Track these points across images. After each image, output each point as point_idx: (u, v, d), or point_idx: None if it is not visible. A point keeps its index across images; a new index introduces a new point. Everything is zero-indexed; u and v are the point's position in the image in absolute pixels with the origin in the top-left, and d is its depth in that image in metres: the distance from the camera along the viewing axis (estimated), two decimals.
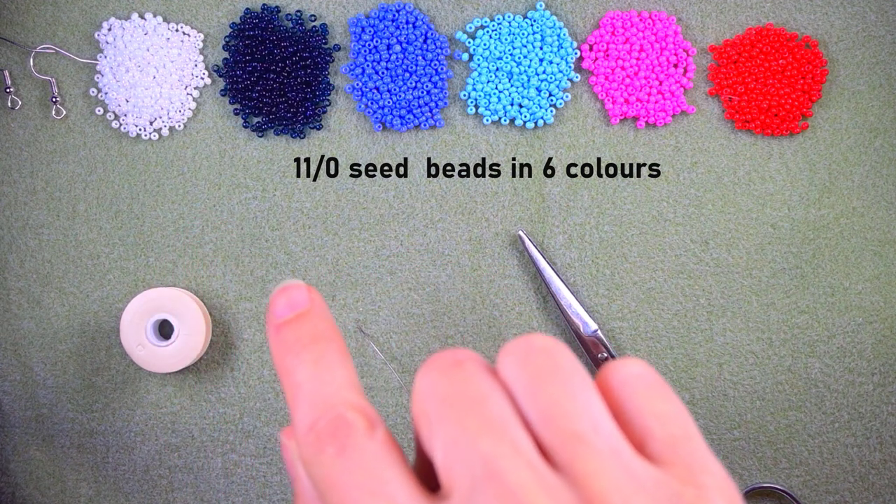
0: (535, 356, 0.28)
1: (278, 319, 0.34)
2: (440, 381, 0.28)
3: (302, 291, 0.34)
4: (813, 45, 0.51)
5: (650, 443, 0.28)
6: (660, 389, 0.29)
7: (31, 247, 0.52)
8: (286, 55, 0.51)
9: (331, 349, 0.32)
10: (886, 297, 0.51)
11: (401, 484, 0.27)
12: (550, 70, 0.51)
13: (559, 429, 0.27)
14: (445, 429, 0.27)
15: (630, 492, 0.25)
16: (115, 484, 0.53)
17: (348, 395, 0.30)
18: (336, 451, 0.28)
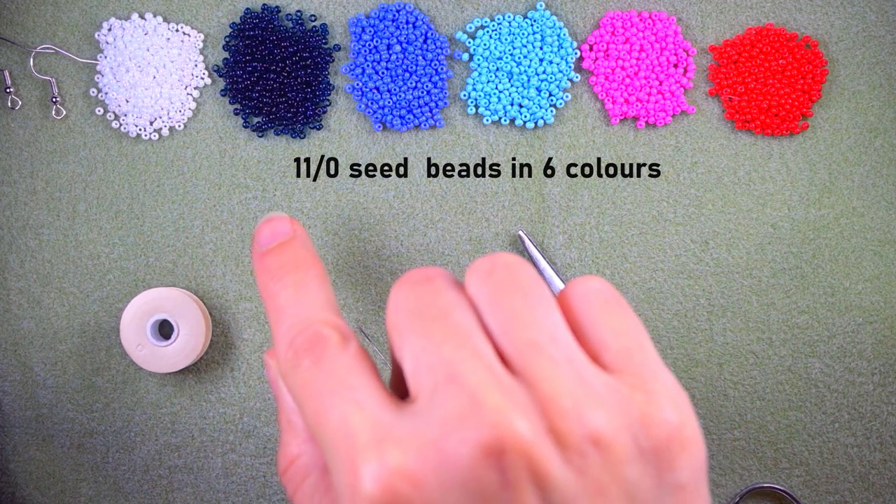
0: (498, 271, 0.29)
1: (262, 248, 0.36)
2: (410, 295, 0.29)
3: (285, 222, 0.37)
4: (813, 45, 0.51)
5: (604, 353, 0.29)
6: (616, 304, 0.30)
7: (31, 247, 0.52)
8: (286, 55, 0.51)
9: (311, 274, 0.34)
10: (886, 297, 0.51)
11: (368, 389, 0.28)
12: (550, 70, 0.51)
13: (517, 337, 0.28)
14: (413, 338, 0.28)
15: (581, 395, 0.26)
16: (115, 484, 0.52)
17: (325, 314, 0.32)
18: (311, 361, 0.30)
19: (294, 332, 0.31)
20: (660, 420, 0.27)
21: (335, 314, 0.32)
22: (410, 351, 0.28)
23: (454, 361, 0.27)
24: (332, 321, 0.31)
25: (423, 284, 0.30)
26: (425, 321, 0.28)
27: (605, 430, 0.26)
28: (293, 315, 0.32)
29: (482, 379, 0.26)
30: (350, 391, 0.28)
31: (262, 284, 0.35)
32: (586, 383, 0.27)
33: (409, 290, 0.30)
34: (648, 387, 0.28)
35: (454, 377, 0.27)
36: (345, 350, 0.30)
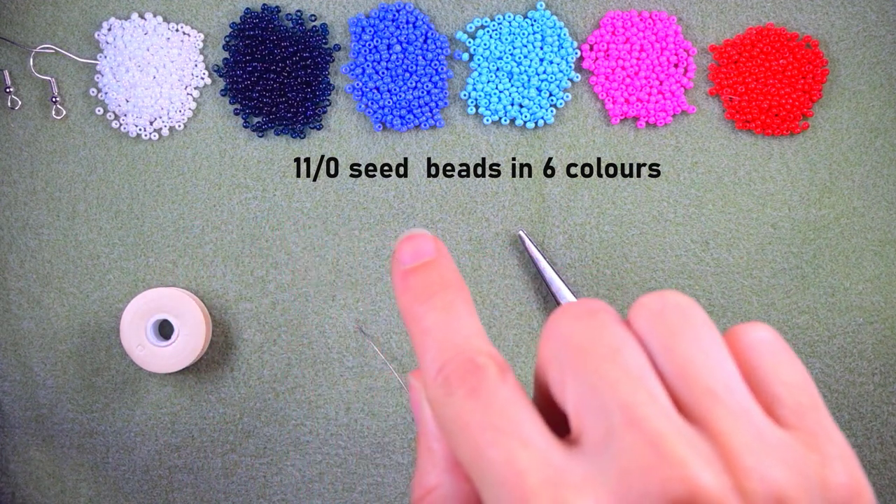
0: (670, 311, 0.29)
1: (404, 266, 0.35)
2: (574, 329, 0.28)
3: (428, 241, 0.36)
4: (813, 45, 0.51)
5: (777, 408, 0.28)
6: (788, 356, 0.30)
7: (31, 247, 0.52)
8: (286, 55, 0.51)
9: (459, 298, 0.33)
10: (887, 297, 0.51)
11: (534, 426, 0.27)
12: (551, 70, 0.51)
13: (695, 384, 0.27)
14: (580, 375, 0.27)
15: (762, 451, 0.26)
16: (115, 484, 0.53)
17: (478, 341, 0.31)
18: (466, 392, 0.29)
19: (445, 358, 0.30)
20: (837, 484, 0.27)
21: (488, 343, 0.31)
22: (577, 388, 0.27)
23: (632, 404, 0.26)
24: (486, 350, 0.30)
25: (587, 318, 0.29)
26: (594, 358, 0.27)
27: (790, 490, 0.26)
28: (442, 340, 0.31)
29: (664, 426, 0.26)
30: (514, 427, 0.27)
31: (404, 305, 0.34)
32: (765, 439, 0.27)
33: (573, 322, 0.29)
34: (824, 448, 0.27)
35: (633, 421, 0.26)
36: (504, 382, 0.29)
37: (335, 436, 0.52)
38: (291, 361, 0.52)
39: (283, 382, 0.52)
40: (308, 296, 0.52)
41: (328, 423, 0.52)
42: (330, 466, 0.52)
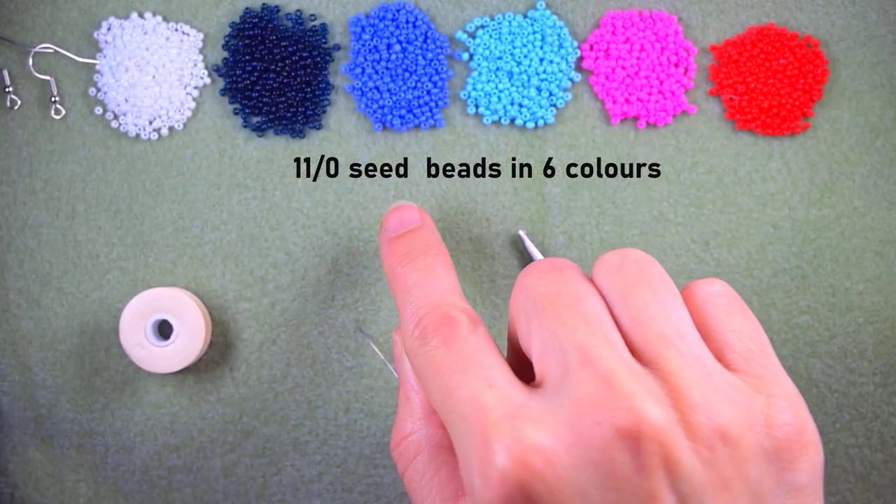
0: (628, 265, 0.30)
1: (391, 233, 0.38)
2: (540, 282, 0.30)
3: (413, 211, 0.39)
4: (814, 45, 0.51)
5: (728, 354, 0.30)
6: (739, 307, 0.31)
7: (30, 247, 0.52)
8: (286, 55, 0.51)
9: (439, 260, 0.36)
10: (888, 297, 0.51)
11: (499, 370, 0.29)
12: (551, 70, 0.51)
13: (649, 330, 0.29)
14: (544, 323, 0.29)
15: (710, 390, 0.27)
16: (114, 484, 0.52)
17: (453, 297, 0.34)
18: (440, 341, 0.31)
19: (423, 313, 0.32)
20: (781, 422, 0.28)
21: (462, 300, 0.34)
22: (540, 335, 0.29)
23: (587, 346, 0.28)
24: (461, 305, 0.33)
25: (552, 273, 0.30)
26: (557, 307, 0.29)
27: (733, 426, 0.27)
28: (421, 297, 0.34)
29: (616, 365, 0.27)
30: (481, 370, 0.29)
31: (389, 267, 0.37)
32: (713, 380, 0.28)
33: (539, 276, 0.30)
34: (770, 389, 0.29)
35: (588, 361, 0.27)
36: (474, 333, 0.31)
37: (334, 436, 0.52)
38: (291, 361, 0.52)
39: (283, 382, 0.52)
40: (308, 296, 0.52)
41: (327, 423, 0.52)
42: (329, 467, 0.52)
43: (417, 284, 0.34)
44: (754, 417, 0.28)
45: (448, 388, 0.29)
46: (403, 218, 0.39)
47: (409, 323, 0.33)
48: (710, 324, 0.31)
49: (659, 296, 0.30)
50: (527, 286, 0.30)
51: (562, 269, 0.31)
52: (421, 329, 0.32)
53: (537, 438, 0.26)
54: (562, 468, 0.26)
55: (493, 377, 0.29)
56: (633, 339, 0.29)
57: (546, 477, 0.26)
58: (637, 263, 0.31)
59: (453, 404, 0.29)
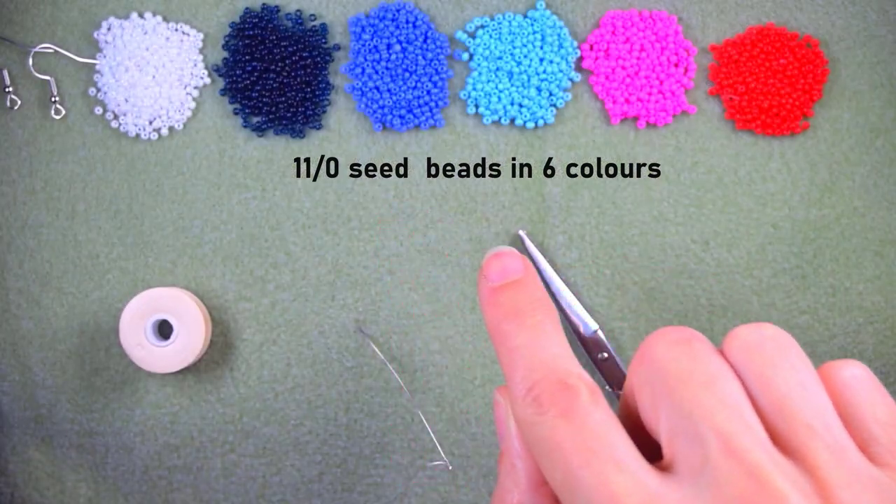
0: (767, 343, 0.29)
1: (493, 283, 0.36)
2: (670, 355, 0.29)
3: (517, 259, 0.36)
4: (814, 45, 0.51)
5: (872, 446, 0.29)
6: (881, 394, 0.30)
7: (31, 247, 0.52)
8: (286, 55, 0.51)
9: (549, 318, 0.34)
10: (888, 297, 0.51)
11: (628, 450, 0.28)
12: (551, 70, 0.51)
13: (793, 418, 0.27)
14: (675, 402, 0.27)
15: (858, 487, 0.26)
16: (114, 484, 0.52)
17: (568, 363, 0.31)
18: (558, 413, 0.29)
19: (535, 378, 0.31)
20: None
21: (577, 365, 0.32)
22: (670, 415, 0.28)
23: (729, 433, 0.26)
24: (577, 371, 0.31)
25: (683, 345, 0.29)
26: (690, 386, 0.28)
27: None
28: (532, 359, 0.32)
29: (762, 457, 0.26)
30: (608, 449, 0.28)
31: (492, 322, 0.35)
32: (862, 476, 0.27)
33: (668, 348, 0.29)
34: None
35: (731, 451, 0.26)
36: (596, 405, 0.29)
37: (334, 436, 0.52)
38: (291, 361, 0.52)
39: (283, 382, 0.52)
40: (308, 296, 0.52)
41: (328, 423, 0.52)
42: (329, 466, 0.52)
43: (527, 345, 0.32)
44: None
45: (571, 468, 0.27)
46: (506, 267, 0.37)
47: (520, 388, 0.31)
48: (853, 412, 0.29)
49: (801, 380, 0.28)
50: (653, 358, 0.29)
51: (691, 342, 0.29)
52: (534, 396, 0.30)
53: None
54: None
55: (622, 458, 0.27)
56: (774, 427, 0.27)
57: None
58: (775, 342, 0.29)
59: (578, 488, 0.27)
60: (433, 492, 0.52)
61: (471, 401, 0.52)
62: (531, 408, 0.30)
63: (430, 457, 0.52)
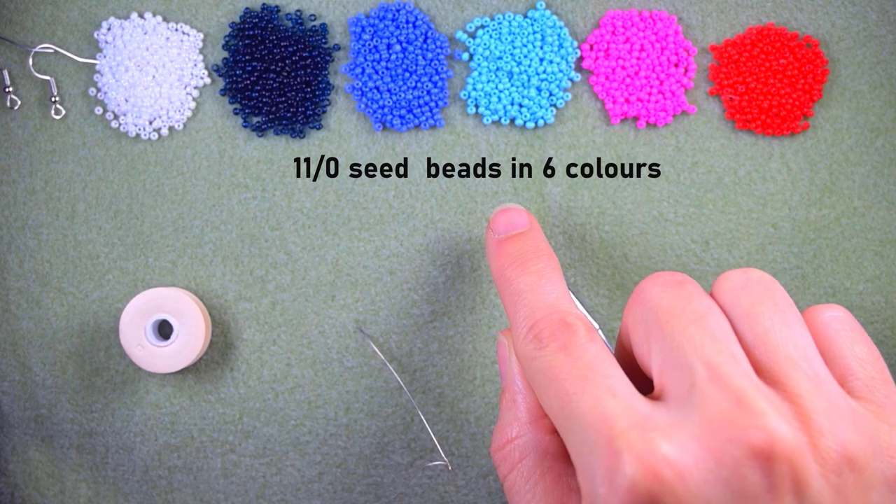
0: (753, 285, 0.31)
1: (499, 235, 0.38)
2: (662, 295, 0.30)
3: (522, 214, 0.39)
4: (814, 45, 0.51)
5: (850, 381, 0.30)
6: (860, 334, 0.31)
7: (30, 247, 0.52)
8: (286, 55, 0.51)
9: (550, 265, 0.36)
10: (888, 297, 0.51)
11: (621, 380, 0.29)
12: (551, 70, 0.51)
13: (775, 351, 0.29)
14: (667, 336, 0.29)
15: (836, 416, 0.27)
16: (114, 484, 0.52)
17: (567, 304, 0.34)
18: (557, 346, 0.31)
19: (537, 317, 0.32)
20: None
21: (575, 308, 0.33)
22: (662, 348, 0.29)
23: (716, 362, 0.28)
24: (575, 312, 0.33)
25: (674, 286, 0.31)
26: (681, 321, 0.29)
27: (859, 453, 0.27)
28: (534, 300, 0.33)
29: (746, 383, 0.27)
30: (602, 378, 0.29)
31: (498, 269, 0.37)
32: (839, 405, 0.28)
33: (661, 289, 0.30)
34: (893, 419, 0.29)
35: (717, 377, 0.27)
36: (592, 341, 0.31)
37: (335, 436, 0.52)
38: (291, 361, 0.52)
39: (283, 382, 0.52)
40: (308, 296, 0.52)
41: (328, 423, 0.52)
42: (329, 467, 0.52)
43: (530, 288, 0.34)
44: (878, 446, 0.28)
45: (567, 394, 0.29)
46: (512, 220, 0.38)
47: (522, 326, 0.32)
48: (833, 349, 0.31)
49: (785, 317, 0.30)
50: (646, 298, 0.30)
51: (683, 284, 0.31)
52: (535, 333, 0.32)
53: (668, 451, 0.26)
54: (692, 482, 0.26)
55: (614, 386, 0.29)
56: (758, 359, 0.29)
57: (675, 489, 0.26)
58: (761, 284, 0.31)
59: (573, 411, 0.28)
60: (433, 492, 0.52)
61: (471, 401, 0.52)
62: (532, 343, 0.31)
63: (430, 457, 0.52)
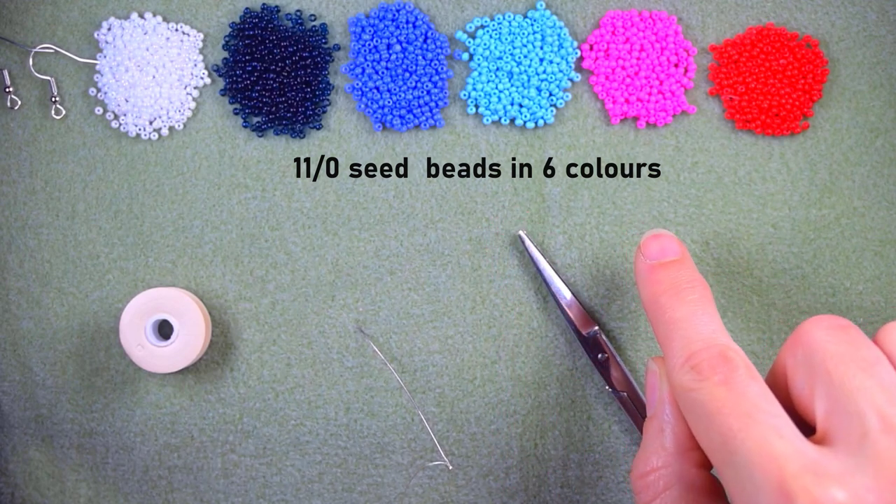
0: None
1: (651, 261, 0.38)
2: (829, 339, 0.30)
3: (674, 241, 0.39)
4: (814, 45, 0.51)
5: None
6: None
7: (31, 247, 0.52)
8: (286, 55, 0.51)
9: (706, 297, 0.36)
10: (887, 297, 0.51)
11: (786, 421, 0.29)
12: (551, 70, 0.51)
13: None
14: (836, 382, 0.29)
15: None
16: (114, 484, 0.52)
17: (725, 338, 0.33)
18: (719, 381, 0.30)
19: (695, 348, 0.32)
20: None
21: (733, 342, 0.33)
22: (829, 393, 0.29)
23: (889, 414, 0.28)
24: (735, 348, 0.32)
25: (841, 331, 0.31)
26: (851, 369, 0.29)
27: None
28: (691, 331, 0.33)
29: None
30: (768, 417, 0.29)
31: (651, 295, 0.36)
32: None
33: (828, 333, 0.30)
34: None
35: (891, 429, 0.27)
36: (753, 378, 0.31)
37: (335, 436, 0.52)
38: (291, 361, 0.52)
39: (283, 382, 0.52)
40: (308, 296, 0.52)
41: (328, 423, 0.52)
42: (329, 466, 0.52)
43: (686, 318, 0.34)
44: None
45: (731, 430, 0.29)
46: (665, 246, 0.38)
47: (678, 356, 0.32)
48: None
49: None
50: (811, 341, 0.30)
51: (848, 329, 0.31)
52: (692, 364, 0.31)
53: (843, 498, 0.26)
54: None
55: (780, 426, 0.29)
56: None
57: None
58: None
59: (737, 448, 0.28)
60: (433, 492, 0.52)
61: (471, 401, 0.52)
62: (689, 374, 0.31)
63: (430, 457, 0.52)
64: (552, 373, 0.51)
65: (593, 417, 0.51)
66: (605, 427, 0.51)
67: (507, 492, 0.52)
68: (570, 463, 0.52)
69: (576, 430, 0.51)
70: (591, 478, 0.52)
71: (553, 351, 0.51)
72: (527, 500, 0.52)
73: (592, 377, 0.51)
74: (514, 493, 0.52)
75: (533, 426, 0.52)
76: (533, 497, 0.52)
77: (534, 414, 0.52)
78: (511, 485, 0.52)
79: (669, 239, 0.39)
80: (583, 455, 0.52)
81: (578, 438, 0.52)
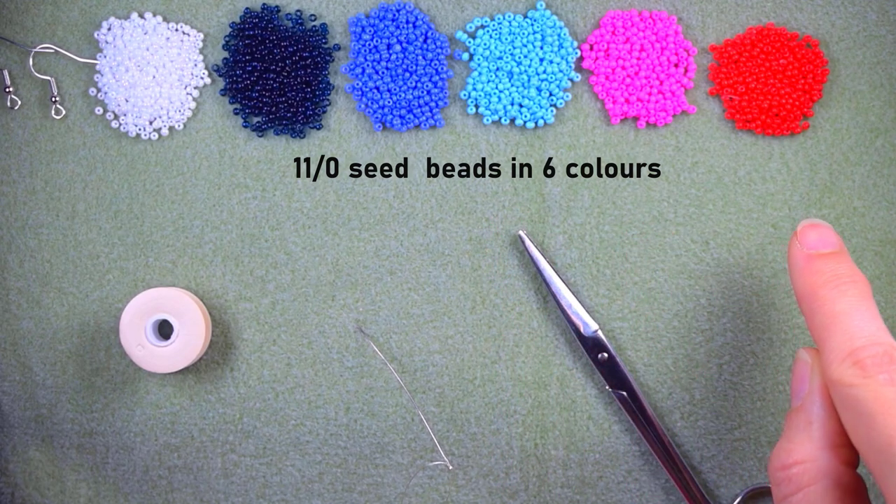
0: None
1: (810, 250, 0.36)
2: None
3: (832, 233, 0.37)
4: (814, 45, 0.51)
5: None
6: None
7: (31, 247, 0.52)
8: (286, 55, 0.51)
9: (868, 293, 0.34)
10: (888, 297, 0.51)
11: None
12: (551, 70, 0.51)
13: None
14: None
15: None
16: (114, 484, 0.52)
17: (889, 337, 0.32)
18: (887, 379, 0.30)
19: (859, 344, 0.31)
20: None
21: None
22: None
23: None
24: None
25: None
26: None
27: None
28: (854, 326, 0.32)
29: None
30: None
31: (808, 286, 0.35)
32: None
33: None
34: None
35: None
36: None
37: (335, 436, 0.52)
38: (291, 361, 0.52)
39: (283, 382, 0.52)
40: (308, 296, 0.52)
41: (328, 423, 0.52)
42: (329, 466, 0.52)
43: (847, 312, 0.33)
44: None
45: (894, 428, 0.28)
46: (824, 237, 0.37)
47: (839, 350, 0.31)
48: None
49: None
50: None
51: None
52: (855, 360, 0.31)
53: None
54: None
55: None
56: None
57: None
58: None
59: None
60: (433, 492, 0.52)
61: (471, 401, 0.52)
62: (851, 370, 0.30)
63: (430, 457, 0.52)
64: (552, 373, 0.51)
65: (593, 417, 0.51)
66: (605, 427, 0.51)
67: (507, 492, 0.52)
68: (570, 463, 0.52)
69: (576, 430, 0.51)
70: (591, 478, 0.52)
71: (553, 351, 0.51)
72: (527, 500, 0.52)
73: (592, 377, 0.51)
74: (514, 493, 0.52)
75: (533, 426, 0.52)
76: (533, 497, 0.52)
77: (534, 414, 0.52)
78: (511, 485, 0.52)
79: (828, 230, 0.37)
80: (583, 455, 0.52)
81: (578, 438, 0.52)
